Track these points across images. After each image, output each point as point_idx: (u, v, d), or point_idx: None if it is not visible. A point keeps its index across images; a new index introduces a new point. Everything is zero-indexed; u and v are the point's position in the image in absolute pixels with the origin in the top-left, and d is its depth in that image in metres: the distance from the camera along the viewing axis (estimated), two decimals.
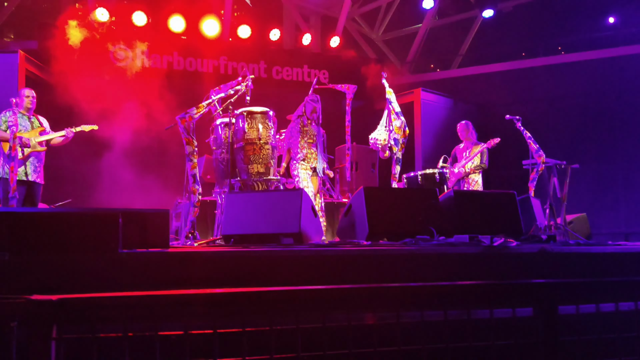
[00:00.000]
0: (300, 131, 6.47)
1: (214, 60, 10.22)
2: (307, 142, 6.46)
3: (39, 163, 6.25)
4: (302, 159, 6.39)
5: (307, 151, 6.44)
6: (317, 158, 6.47)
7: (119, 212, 3.08)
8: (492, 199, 5.19)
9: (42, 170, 6.30)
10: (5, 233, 2.82)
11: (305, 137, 6.46)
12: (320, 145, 6.59)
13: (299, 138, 6.45)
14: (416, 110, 10.42)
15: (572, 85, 10.67)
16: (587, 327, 2.17)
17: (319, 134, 6.63)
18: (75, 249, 2.85)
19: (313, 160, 6.45)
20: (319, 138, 6.61)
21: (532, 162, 6.84)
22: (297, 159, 6.41)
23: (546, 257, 3.78)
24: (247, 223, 4.45)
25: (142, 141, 8.84)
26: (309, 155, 6.43)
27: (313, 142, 6.50)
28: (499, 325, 2.02)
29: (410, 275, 3.37)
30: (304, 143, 6.45)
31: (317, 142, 6.55)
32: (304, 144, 6.45)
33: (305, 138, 6.46)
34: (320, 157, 6.54)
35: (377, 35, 12.99)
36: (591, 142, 10.26)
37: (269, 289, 1.73)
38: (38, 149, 6.19)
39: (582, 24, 11.81)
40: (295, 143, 6.45)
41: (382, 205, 4.64)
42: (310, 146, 6.47)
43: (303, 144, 6.44)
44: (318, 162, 6.48)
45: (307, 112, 6.54)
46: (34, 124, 6.29)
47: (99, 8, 9.35)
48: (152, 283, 2.86)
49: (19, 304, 1.47)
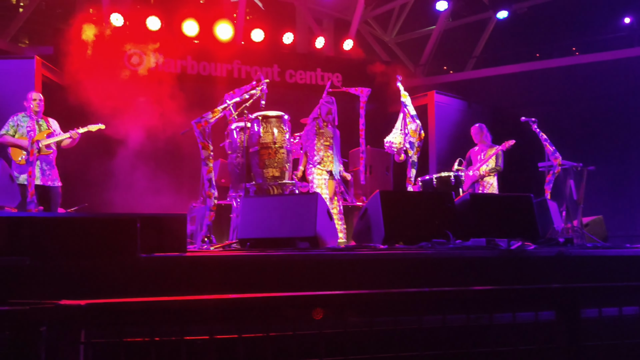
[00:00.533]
0: (316, 133, 6.51)
1: (227, 64, 10.26)
2: (324, 144, 6.50)
3: (47, 166, 6.27)
4: (319, 162, 6.43)
5: (324, 154, 6.47)
6: (333, 161, 6.50)
7: (137, 217, 3.10)
8: (508, 201, 5.16)
9: (54, 173, 6.32)
10: (25, 238, 2.85)
11: (321, 140, 6.50)
12: (337, 147, 6.62)
13: (315, 140, 6.49)
14: (430, 112, 10.38)
15: (588, 87, 10.58)
16: (609, 331, 2.15)
17: (335, 135, 6.66)
18: (95, 253, 2.87)
19: (329, 164, 6.47)
20: (336, 140, 6.63)
21: (548, 164, 6.80)
22: (314, 162, 6.44)
23: (564, 260, 3.75)
24: (263, 227, 4.46)
25: (156, 145, 8.90)
26: (325, 158, 6.47)
27: (329, 144, 6.53)
28: (521, 329, 2.01)
29: (427, 279, 3.36)
30: (320, 145, 6.48)
31: (334, 144, 6.57)
32: (320, 146, 6.48)
33: (321, 140, 6.50)
34: (337, 160, 6.56)
35: (391, 37, 12.98)
36: (607, 144, 10.16)
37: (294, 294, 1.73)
38: (45, 152, 6.23)
39: (598, 25, 11.72)
40: (312, 146, 6.49)
41: (398, 209, 4.63)
42: (327, 149, 6.50)
43: (319, 146, 6.48)
44: (334, 165, 6.50)
45: (323, 114, 6.57)
46: (41, 127, 6.34)
47: (114, 13, 9.43)
48: (170, 287, 2.88)
49: (49, 309, 1.48)
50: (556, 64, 11.05)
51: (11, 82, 8.20)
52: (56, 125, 6.52)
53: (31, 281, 2.67)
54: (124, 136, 8.53)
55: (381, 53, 12.81)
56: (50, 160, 6.33)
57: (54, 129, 6.45)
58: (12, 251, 2.85)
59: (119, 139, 8.34)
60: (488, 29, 12.07)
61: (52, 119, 6.53)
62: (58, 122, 6.64)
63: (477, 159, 7.62)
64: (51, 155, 6.33)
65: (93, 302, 1.51)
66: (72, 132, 6.34)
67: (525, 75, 11.19)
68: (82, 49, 8.50)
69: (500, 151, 7.51)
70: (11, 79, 8.22)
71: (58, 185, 6.37)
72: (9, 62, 8.39)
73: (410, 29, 12.91)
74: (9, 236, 2.83)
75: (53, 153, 6.36)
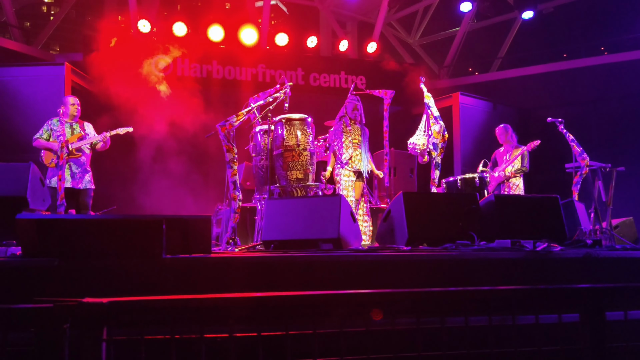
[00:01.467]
0: (344, 131, 6.46)
1: (252, 68, 10.34)
2: (352, 142, 6.44)
3: (78, 169, 6.37)
4: (347, 160, 6.37)
5: (353, 152, 6.41)
6: (361, 160, 6.44)
7: (162, 218, 3.15)
8: (534, 203, 5.08)
9: (84, 176, 6.42)
10: (54, 240, 2.92)
11: (349, 137, 6.45)
12: (366, 146, 6.55)
13: (343, 138, 6.44)
14: (455, 114, 10.32)
15: (615, 86, 10.40)
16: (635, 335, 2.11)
17: (364, 133, 6.59)
18: (121, 254, 2.93)
19: (358, 163, 6.43)
20: (364, 138, 6.56)
21: (575, 165, 6.69)
22: (342, 162, 6.39)
23: (592, 262, 3.69)
24: (286, 229, 4.48)
25: (182, 148, 9.02)
26: (354, 157, 6.42)
27: (358, 142, 6.47)
28: (545, 331, 1.99)
29: (451, 281, 3.34)
30: (348, 143, 6.43)
31: (362, 142, 6.51)
32: (348, 144, 6.43)
33: (349, 138, 6.45)
34: (366, 159, 6.49)
35: (414, 39, 12.94)
36: (637, 144, 9.96)
37: (314, 292, 1.75)
38: (75, 154, 6.34)
39: (625, 24, 11.51)
40: (340, 144, 6.44)
41: (421, 211, 4.60)
42: (356, 147, 6.44)
43: (347, 144, 6.42)
44: (363, 165, 6.44)
45: (349, 111, 6.54)
46: (74, 131, 6.46)
47: (141, 20, 9.60)
48: (195, 288, 2.91)
49: (72, 307, 1.52)
50: (584, 64, 10.89)
51: (42, 88, 8.42)
52: (91, 129, 6.63)
53: (58, 281, 2.73)
54: (151, 140, 8.67)
55: (405, 55, 12.77)
56: (82, 164, 6.41)
57: (88, 132, 6.56)
58: (42, 252, 2.92)
59: (146, 143, 8.48)
60: (513, 30, 11.95)
61: (87, 123, 6.65)
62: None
63: (503, 160, 7.55)
64: (82, 159, 6.42)
65: (115, 300, 1.54)
66: (102, 136, 6.46)
67: (552, 76, 11.05)
68: (110, 55, 8.67)
69: (526, 152, 7.42)
70: (42, 84, 8.44)
71: (90, 188, 6.46)
72: (40, 68, 8.61)
73: (434, 31, 12.86)
74: (38, 237, 2.91)
75: (85, 156, 6.46)
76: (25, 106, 8.36)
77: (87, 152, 6.51)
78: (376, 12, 11.67)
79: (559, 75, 11.01)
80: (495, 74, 11.98)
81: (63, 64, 8.56)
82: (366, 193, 6.60)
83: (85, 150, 6.46)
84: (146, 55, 9.54)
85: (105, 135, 6.46)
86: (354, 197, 6.34)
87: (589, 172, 6.65)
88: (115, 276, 2.84)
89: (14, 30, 10.12)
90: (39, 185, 5.77)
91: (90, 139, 6.47)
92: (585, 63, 10.90)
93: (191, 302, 1.58)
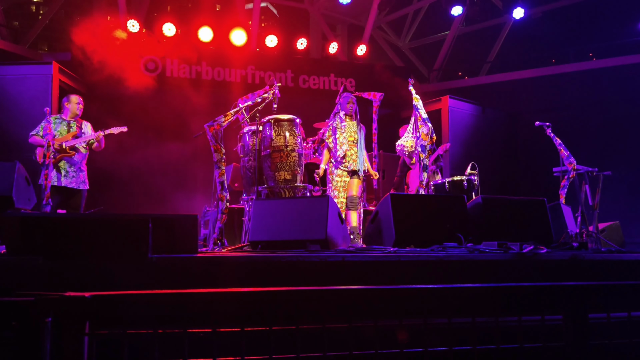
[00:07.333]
0: (338, 127, 6.25)
1: (241, 69, 10.33)
2: (348, 139, 6.22)
3: (72, 168, 6.32)
4: (342, 157, 6.17)
5: (347, 150, 6.20)
6: (356, 160, 6.24)
7: (149, 217, 3.13)
8: (521, 205, 5.12)
9: (80, 176, 6.35)
10: (38, 238, 2.89)
11: (344, 134, 6.23)
12: (362, 143, 6.34)
13: (337, 134, 6.22)
14: (444, 117, 10.36)
15: (603, 91, 10.50)
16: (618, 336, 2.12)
17: (361, 130, 6.38)
18: (107, 253, 2.91)
19: (352, 162, 6.22)
20: (361, 136, 6.35)
21: (562, 169, 6.73)
22: (336, 159, 6.19)
23: (578, 264, 3.71)
24: (274, 229, 4.47)
25: (170, 149, 8.99)
26: (349, 156, 6.21)
27: (354, 140, 6.24)
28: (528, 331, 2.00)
29: (438, 282, 3.34)
30: (343, 140, 6.21)
31: (359, 140, 6.28)
32: (343, 140, 6.20)
33: (344, 134, 6.23)
34: (362, 158, 6.30)
35: (404, 43, 12.99)
36: (623, 149, 10.05)
37: (296, 288, 1.74)
38: (69, 153, 6.27)
39: (613, 30, 11.63)
40: (334, 140, 6.22)
41: (409, 212, 4.62)
42: (352, 146, 6.22)
43: (342, 140, 6.20)
44: (358, 163, 6.25)
45: (343, 106, 6.33)
46: (71, 129, 6.41)
47: (130, 20, 9.56)
48: (180, 287, 2.89)
49: (54, 300, 1.51)
50: (572, 69, 10.99)
51: (30, 87, 8.37)
52: (88, 128, 6.56)
53: (42, 280, 2.70)
54: (139, 141, 8.63)
55: (395, 58, 12.81)
56: (76, 162, 6.33)
57: (85, 131, 6.50)
58: (26, 250, 2.89)
59: (134, 143, 8.44)
60: (502, 34, 12.03)
61: (86, 122, 6.58)
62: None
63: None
64: (76, 157, 6.34)
65: (97, 294, 1.53)
66: (96, 135, 6.41)
67: (540, 80, 11.14)
68: (98, 55, 8.63)
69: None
70: (30, 83, 8.38)
71: (83, 189, 6.39)
72: (28, 67, 8.54)
73: (424, 34, 12.92)
74: (22, 235, 2.88)
75: (79, 155, 6.38)
76: (12, 105, 8.30)
77: (84, 152, 6.44)
78: (366, 14, 11.69)
79: (547, 80, 11.09)
80: (484, 77, 12.05)
81: (51, 63, 8.50)
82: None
83: (81, 150, 6.40)
84: (135, 55, 9.52)
85: (99, 135, 6.40)
86: (344, 198, 6.23)
87: (576, 176, 6.69)
88: (100, 275, 2.82)
89: (2, 29, 10.04)
90: (25, 184, 5.73)
91: (85, 137, 6.41)
92: (573, 68, 11.00)
93: (173, 296, 1.57)
